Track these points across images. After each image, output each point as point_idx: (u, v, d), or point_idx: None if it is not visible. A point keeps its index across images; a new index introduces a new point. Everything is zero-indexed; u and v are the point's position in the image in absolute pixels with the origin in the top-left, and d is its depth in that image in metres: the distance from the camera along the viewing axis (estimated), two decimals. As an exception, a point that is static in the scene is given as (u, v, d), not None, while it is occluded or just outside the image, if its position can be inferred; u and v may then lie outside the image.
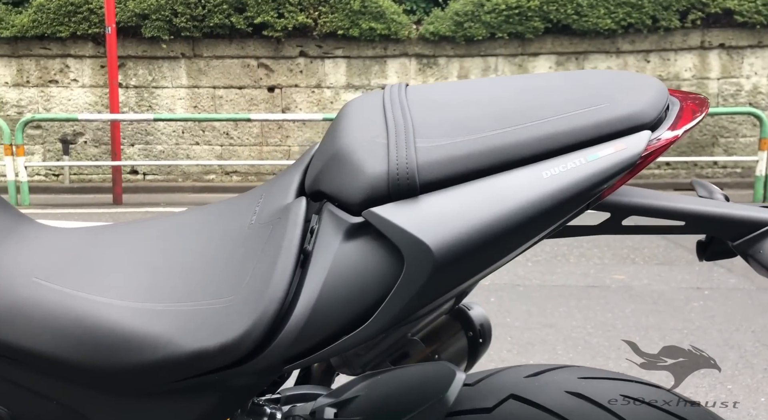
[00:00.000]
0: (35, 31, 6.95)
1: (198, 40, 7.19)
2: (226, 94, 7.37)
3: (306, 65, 7.32)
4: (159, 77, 7.30)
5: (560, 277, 3.03)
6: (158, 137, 7.39)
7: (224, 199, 0.72)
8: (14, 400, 0.58)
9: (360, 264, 0.49)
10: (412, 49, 7.27)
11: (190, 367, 0.52)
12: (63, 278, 0.59)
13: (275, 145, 7.49)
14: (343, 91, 7.38)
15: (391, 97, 0.58)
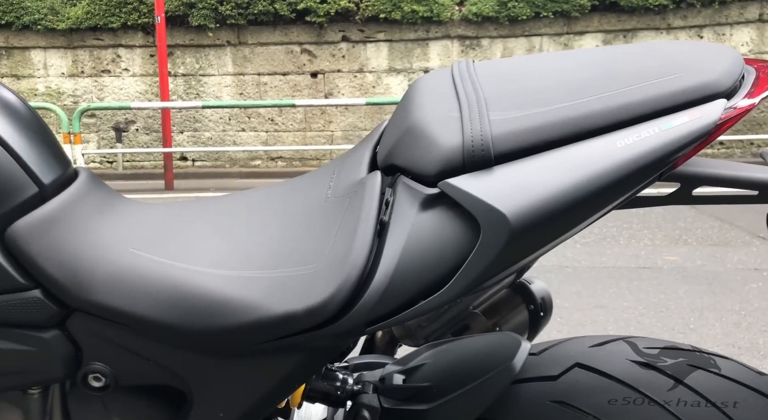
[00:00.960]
0: (88, 22, 7.20)
1: (243, 28, 7.31)
2: (271, 80, 7.48)
3: (348, 50, 7.35)
4: (206, 65, 7.47)
5: (610, 258, 2.99)
6: (206, 124, 7.58)
7: (297, 177, 0.76)
8: (115, 360, 0.63)
9: (436, 233, 0.52)
10: (455, 30, 7.19)
11: (278, 329, 0.56)
12: (157, 249, 0.64)
13: (318, 131, 7.58)
14: (385, 75, 7.38)
15: (461, 73, 0.61)
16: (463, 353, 0.73)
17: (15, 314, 0.60)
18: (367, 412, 0.69)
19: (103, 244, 0.63)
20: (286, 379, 0.61)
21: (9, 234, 0.59)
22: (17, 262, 0.59)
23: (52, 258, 0.59)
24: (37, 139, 0.64)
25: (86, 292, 0.59)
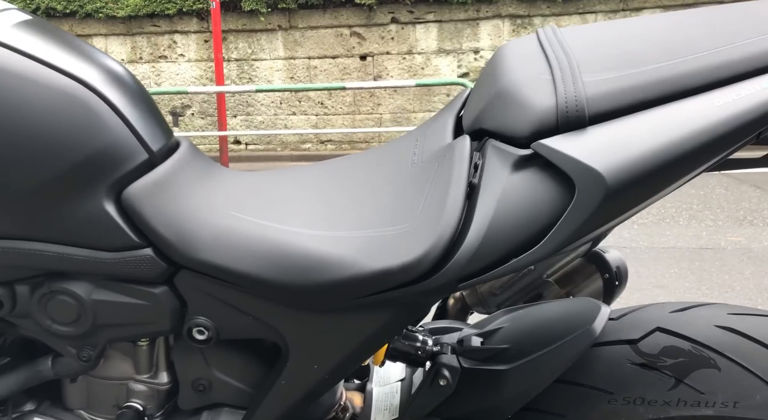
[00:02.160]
0: (146, 9, 7.42)
1: (294, 12, 7.38)
2: (321, 64, 7.54)
3: (397, 32, 7.32)
4: (258, 49, 7.59)
5: (669, 239, 2.92)
6: (258, 108, 7.73)
7: (381, 145, 0.79)
8: (217, 314, 0.68)
9: (529, 192, 0.54)
10: (506, 9, 7.06)
11: (373, 285, 0.59)
12: (255, 212, 0.68)
13: (367, 113, 7.61)
14: (434, 57, 7.33)
15: (548, 38, 0.62)
16: (542, 317, 0.75)
17: (130, 270, 0.65)
18: (447, 372, 0.72)
19: (207, 207, 0.68)
20: (376, 333, 0.65)
21: (125, 196, 0.64)
22: (132, 223, 0.64)
23: (162, 219, 0.64)
24: (145, 109, 0.69)
25: (193, 251, 0.64)
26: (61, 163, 0.61)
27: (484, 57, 7.20)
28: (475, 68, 7.22)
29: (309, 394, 0.69)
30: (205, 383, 0.74)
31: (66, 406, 0.78)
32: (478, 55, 7.22)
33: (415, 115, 7.44)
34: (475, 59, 7.23)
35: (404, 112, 7.48)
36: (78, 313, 0.66)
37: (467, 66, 7.25)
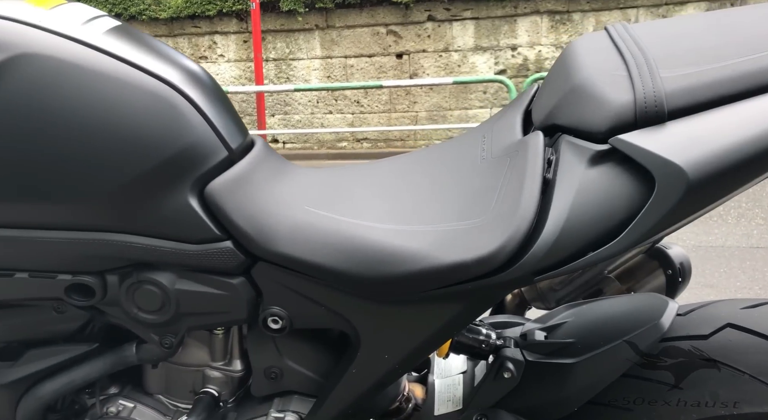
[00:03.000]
0: (188, 11, 7.59)
1: (331, 11, 7.44)
2: (357, 62, 7.58)
3: (434, 29, 7.30)
4: (295, 49, 7.69)
5: (718, 237, 2.85)
6: (295, 107, 7.83)
7: (445, 141, 0.81)
8: (291, 304, 0.71)
9: (606, 187, 0.55)
10: (544, 5, 6.97)
11: (447, 277, 0.61)
12: (328, 206, 0.71)
13: (403, 112, 7.62)
14: (470, 54, 7.29)
15: (620, 35, 0.63)
16: (607, 312, 0.75)
17: (211, 262, 0.68)
18: (511, 364, 0.74)
19: (282, 202, 0.71)
20: (446, 325, 0.66)
21: (207, 192, 0.67)
22: (213, 217, 0.68)
23: (242, 214, 0.68)
24: (223, 109, 0.72)
25: (270, 244, 0.67)
26: (151, 161, 0.65)
27: (521, 53, 7.13)
28: (512, 65, 7.16)
29: (378, 384, 0.72)
30: (277, 371, 0.78)
31: (146, 391, 0.83)
32: (516, 51, 7.15)
33: (451, 113, 7.41)
34: (512, 56, 7.16)
35: (440, 110, 7.47)
36: (162, 302, 0.70)
37: (504, 63, 7.19)
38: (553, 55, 7.06)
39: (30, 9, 0.66)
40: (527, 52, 7.12)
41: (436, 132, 7.45)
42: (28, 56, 0.62)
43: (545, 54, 7.09)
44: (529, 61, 7.12)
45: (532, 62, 7.12)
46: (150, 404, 0.81)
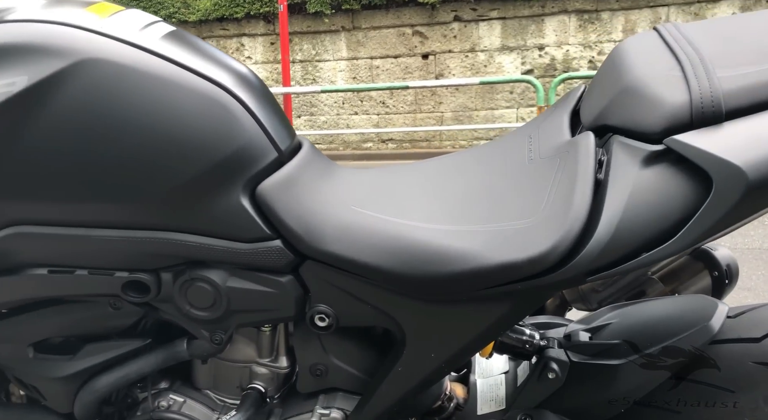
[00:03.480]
0: (216, 13, 7.71)
1: (357, 13, 7.47)
2: (383, 63, 7.60)
3: (460, 30, 7.28)
4: (321, 51, 7.74)
5: (755, 239, 2.80)
6: (321, 108, 7.88)
7: (489, 142, 0.81)
8: (338, 302, 0.72)
9: (661, 187, 0.55)
10: (572, 4, 6.89)
11: (497, 277, 0.61)
12: (375, 206, 0.72)
13: (428, 112, 7.61)
14: (497, 54, 7.25)
15: (671, 34, 0.63)
16: (654, 314, 0.75)
17: (261, 260, 0.70)
18: (556, 365, 0.74)
19: (329, 202, 0.72)
20: (494, 324, 0.67)
21: (258, 192, 0.69)
22: (264, 217, 0.69)
23: (291, 213, 0.69)
24: (272, 110, 0.74)
25: (318, 243, 0.68)
26: (206, 162, 0.67)
27: (549, 53, 7.06)
28: (539, 65, 7.09)
29: (424, 382, 0.73)
30: (322, 368, 0.79)
31: (195, 386, 0.85)
32: (543, 51, 7.09)
33: (477, 113, 7.38)
34: (539, 56, 7.10)
35: (466, 110, 7.44)
36: (214, 299, 0.72)
37: (531, 63, 7.13)
38: (581, 55, 6.99)
39: (91, 16, 0.69)
40: (555, 52, 7.06)
41: (461, 132, 7.42)
42: (91, 61, 0.64)
43: (573, 53, 7.01)
44: (556, 60, 7.06)
45: (559, 62, 7.05)
46: (199, 399, 0.83)
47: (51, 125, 0.64)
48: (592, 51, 6.97)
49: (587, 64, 6.97)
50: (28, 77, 0.63)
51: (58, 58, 0.63)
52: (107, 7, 0.72)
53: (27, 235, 0.67)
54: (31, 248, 0.68)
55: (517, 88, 7.13)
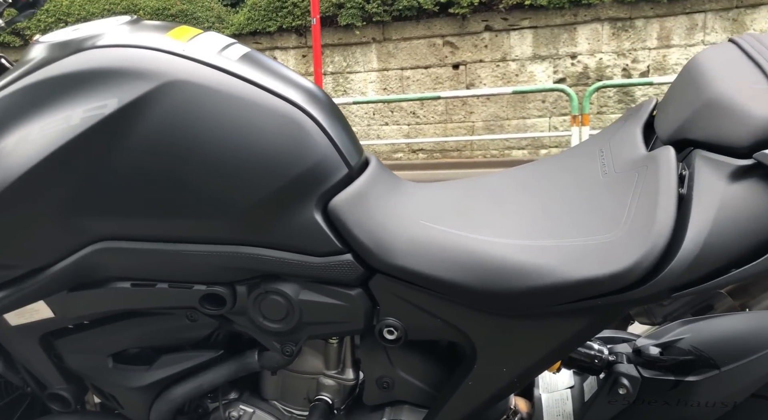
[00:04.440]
0: (249, 27, 7.86)
1: (387, 24, 7.53)
2: (413, 74, 7.63)
3: (491, 39, 7.28)
4: (352, 63, 7.81)
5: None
6: (353, 120, 7.94)
7: (553, 156, 0.81)
8: (407, 316, 0.73)
9: (751, 202, 0.54)
10: (606, 12, 6.83)
11: (576, 293, 0.62)
12: (444, 221, 0.72)
13: (459, 122, 7.60)
14: (528, 63, 7.22)
15: (753, 46, 0.63)
16: (729, 329, 0.74)
17: (332, 274, 0.71)
18: (627, 381, 0.73)
19: (399, 217, 0.73)
20: (569, 340, 0.67)
21: (331, 207, 0.71)
22: (336, 231, 0.71)
23: (362, 228, 0.70)
24: (342, 127, 0.76)
25: (389, 257, 0.70)
26: (282, 179, 0.69)
27: (581, 62, 7.00)
28: (572, 73, 7.04)
29: (495, 397, 0.73)
30: (389, 381, 0.80)
31: (262, 397, 0.86)
32: (576, 59, 7.03)
33: (508, 123, 7.35)
34: (572, 64, 7.04)
35: (497, 120, 7.41)
36: (287, 311, 0.74)
37: (564, 71, 7.08)
38: (614, 63, 6.91)
39: (173, 40, 0.71)
40: (587, 60, 6.99)
41: (493, 142, 7.40)
42: (175, 83, 0.67)
43: (606, 61, 6.94)
44: (589, 69, 6.99)
45: (592, 70, 6.98)
46: (267, 410, 0.84)
47: (137, 145, 0.66)
48: (625, 59, 6.88)
49: (621, 72, 6.89)
50: (117, 99, 0.66)
51: (146, 81, 0.66)
52: (187, 31, 0.75)
53: (113, 250, 0.69)
54: (116, 262, 0.70)
55: (550, 97, 7.08)
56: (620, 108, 6.95)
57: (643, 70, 6.80)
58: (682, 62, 6.69)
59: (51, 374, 0.80)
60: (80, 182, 0.66)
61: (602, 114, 6.96)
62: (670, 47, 6.72)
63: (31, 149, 0.65)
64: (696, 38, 6.61)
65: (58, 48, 0.70)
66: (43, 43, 0.73)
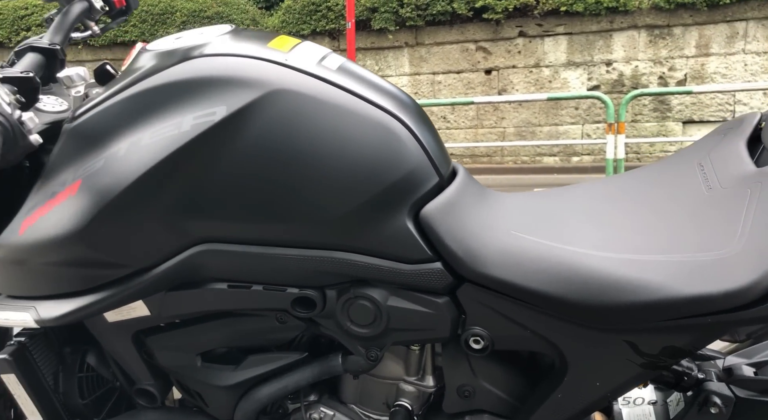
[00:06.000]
0: (283, 31, 7.93)
1: (420, 29, 7.54)
2: (445, 79, 7.63)
3: (524, 45, 7.24)
4: (384, 66, 7.84)
5: None
6: (383, 122, 7.96)
7: (643, 167, 0.81)
8: (495, 326, 0.73)
9: None
10: (643, 20, 6.74)
11: (683, 310, 0.61)
12: (535, 232, 0.73)
13: (490, 127, 7.57)
14: (562, 70, 7.16)
15: None
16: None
17: (421, 281, 0.72)
18: (719, 400, 0.72)
19: (489, 226, 0.74)
20: (668, 355, 0.66)
21: (422, 215, 0.71)
22: (427, 239, 0.72)
23: (452, 236, 0.71)
24: (433, 136, 0.76)
25: (479, 266, 0.70)
26: (377, 186, 0.70)
27: (617, 69, 6.92)
28: (607, 81, 6.96)
29: (585, 410, 0.73)
30: (470, 389, 0.80)
31: (341, 400, 0.87)
32: (611, 67, 6.95)
33: (540, 129, 7.29)
34: (607, 72, 6.97)
35: (529, 126, 7.37)
36: (375, 317, 0.74)
37: (598, 78, 7.00)
38: (650, 71, 6.81)
39: (275, 50, 0.73)
40: (623, 68, 6.91)
41: (524, 148, 7.35)
42: (280, 92, 0.68)
43: (642, 69, 6.85)
44: (624, 76, 6.91)
45: (627, 78, 6.90)
46: (346, 413, 0.85)
47: (243, 151, 0.68)
48: (662, 67, 6.78)
49: (657, 81, 6.79)
50: (226, 107, 0.67)
51: (252, 89, 0.68)
52: (287, 41, 0.77)
53: (214, 252, 0.71)
54: (216, 264, 0.72)
55: (583, 105, 7.01)
56: (655, 116, 6.86)
57: (680, 78, 6.70)
58: (722, 71, 6.57)
59: (140, 370, 0.83)
60: (189, 186, 0.68)
61: (637, 122, 6.87)
62: (709, 56, 6.60)
63: (143, 154, 0.67)
64: (736, 47, 6.48)
65: (166, 57, 0.72)
66: (149, 51, 0.75)
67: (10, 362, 0.77)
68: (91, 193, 0.67)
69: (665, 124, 6.86)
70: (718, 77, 6.58)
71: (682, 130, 6.81)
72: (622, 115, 5.46)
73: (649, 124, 6.92)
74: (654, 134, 6.80)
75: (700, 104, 6.70)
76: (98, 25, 0.94)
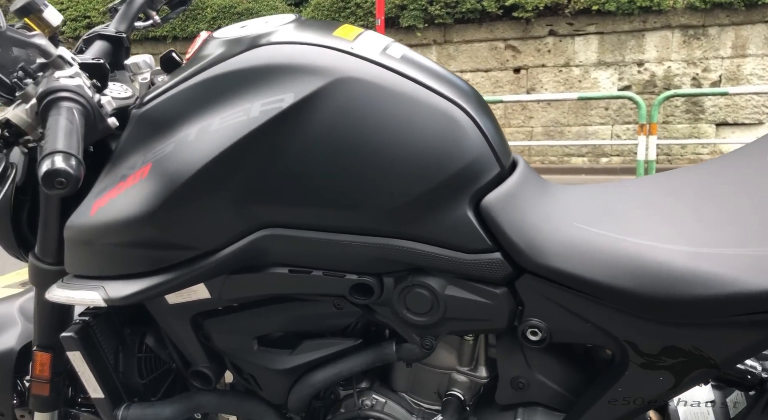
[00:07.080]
0: (312, 28, 7.98)
1: (449, 27, 7.52)
2: (473, 77, 7.59)
3: (554, 44, 7.16)
4: (412, 64, 7.82)
5: None
6: (409, 120, 7.95)
7: (709, 161, 0.80)
8: (553, 318, 0.73)
9: None
10: (677, 19, 6.62)
11: (755, 305, 0.60)
12: (600, 224, 0.72)
13: (518, 126, 7.51)
14: (593, 69, 7.07)
15: None
16: None
17: (479, 271, 0.72)
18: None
19: (551, 218, 0.73)
20: (736, 353, 0.65)
21: (483, 205, 0.71)
22: (487, 229, 0.72)
23: (513, 227, 0.71)
24: (494, 126, 0.76)
25: (540, 257, 0.70)
26: (440, 175, 0.70)
27: (648, 69, 6.81)
28: (638, 81, 6.85)
29: (643, 407, 0.72)
30: (524, 382, 0.80)
31: (392, 388, 0.88)
32: (643, 67, 6.85)
33: (569, 129, 7.21)
34: (638, 72, 6.86)
35: (558, 126, 7.29)
36: (431, 305, 0.75)
37: (629, 79, 6.90)
38: (683, 72, 6.69)
39: (340, 39, 0.74)
40: (655, 68, 6.80)
41: (551, 148, 7.28)
42: (346, 80, 0.69)
43: (675, 70, 6.73)
44: (656, 77, 6.79)
45: (660, 78, 6.78)
46: (397, 401, 0.86)
47: (309, 138, 0.69)
48: (696, 68, 6.66)
49: (690, 82, 6.67)
50: (294, 94, 0.68)
51: (319, 77, 0.69)
52: (351, 30, 0.77)
53: (277, 236, 0.72)
54: (278, 249, 0.73)
55: (613, 105, 6.92)
56: (687, 118, 6.73)
57: (714, 79, 6.56)
58: (758, 72, 6.42)
59: (197, 352, 0.84)
60: (256, 171, 0.69)
61: (668, 124, 6.75)
62: (746, 57, 6.46)
63: (213, 139, 0.68)
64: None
65: (233, 44, 0.73)
66: (216, 39, 0.76)
67: (76, 340, 0.79)
68: (161, 176, 0.69)
69: (698, 126, 6.73)
70: (754, 79, 6.43)
71: (715, 132, 6.67)
72: (654, 116, 5.37)
73: (681, 125, 6.79)
74: (686, 136, 6.68)
75: (735, 106, 6.55)
76: (159, 15, 0.96)
